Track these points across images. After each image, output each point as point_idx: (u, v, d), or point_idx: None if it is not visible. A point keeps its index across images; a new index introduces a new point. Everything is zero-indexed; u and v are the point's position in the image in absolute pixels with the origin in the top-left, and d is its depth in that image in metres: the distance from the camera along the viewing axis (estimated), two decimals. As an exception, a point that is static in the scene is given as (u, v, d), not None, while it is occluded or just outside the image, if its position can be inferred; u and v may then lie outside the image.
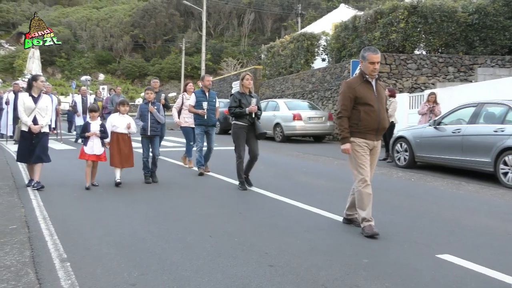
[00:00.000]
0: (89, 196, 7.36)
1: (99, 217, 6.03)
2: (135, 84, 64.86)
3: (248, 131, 8.02)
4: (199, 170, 9.63)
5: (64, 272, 4.02)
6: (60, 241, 4.90)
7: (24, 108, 7.63)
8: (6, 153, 13.00)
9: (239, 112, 7.94)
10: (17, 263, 4.27)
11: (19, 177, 8.85)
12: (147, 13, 69.61)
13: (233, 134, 8.12)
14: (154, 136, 8.67)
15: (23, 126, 7.76)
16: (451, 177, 9.92)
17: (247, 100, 7.97)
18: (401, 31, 18.43)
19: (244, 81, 8.09)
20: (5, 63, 62.04)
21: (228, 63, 44.53)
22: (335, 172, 10.55)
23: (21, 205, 6.57)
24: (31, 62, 27.32)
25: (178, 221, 5.84)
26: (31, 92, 7.74)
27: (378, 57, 5.38)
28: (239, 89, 8.15)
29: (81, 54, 68.78)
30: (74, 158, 11.29)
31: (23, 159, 7.88)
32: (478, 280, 3.96)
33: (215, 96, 10.02)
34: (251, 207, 6.79)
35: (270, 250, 4.67)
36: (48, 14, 75.55)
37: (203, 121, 9.63)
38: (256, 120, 8.03)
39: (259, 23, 72.58)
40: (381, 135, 5.55)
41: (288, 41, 26.00)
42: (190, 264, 4.23)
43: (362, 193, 5.29)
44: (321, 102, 21.14)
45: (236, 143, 8.06)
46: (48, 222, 5.66)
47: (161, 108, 8.93)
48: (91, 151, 7.99)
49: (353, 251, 4.71)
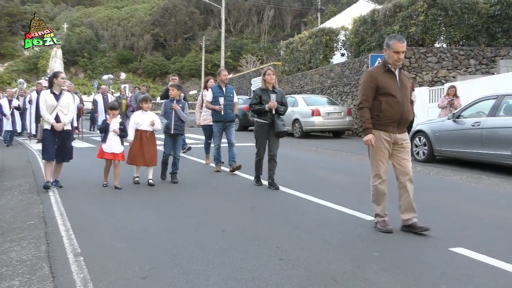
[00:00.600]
0: (105, 192, 7.46)
1: (113, 212, 6.11)
2: (156, 82, 65.40)
3: (270, 129, 7.69)
4: (216, 167, 9.54)
5: (77, 266, 4.09)
6: (75, 236, 4.99)
7: (46, 105, 7.44)
8: (29, 152, 13.25)
9: (258, 109, 7.66)
10: (33, 257, 4.37)
11: (40, 175, 9.01)
12: (168, 11, 70.05)
13: (255, 132, 7.90)
14: (177, 135, 8.41)
15: (45, 124, 7.55)
16: (471, 171, 9.77)
17: (268, 97, 7.63)
18: (420, 24, 18.19)
19: (266, 76, 7.70)
20: (30, 63, 63.22)
21: (248, 60, 44.54)
22: (353, 167, 10.49)
23: (40, 202, 6.71)
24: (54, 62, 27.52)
25: (191, 216, 5.88)
26: (52, 89, 7.58)
27: (404, 46, 5.09)
28: (261, 85, 7.83)
29: (103, 53, 69.62)
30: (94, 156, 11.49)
31: (49, 156, 7.57)
32: (490, 273, 3.91)
33: (232, 91, 9.79)
34: (265, 202, 6.81)
35: (282, 244, 4.67)
36: (70, 15, 76.75)
37: (220, 117, 9.42)
38: (276, 117, 7.66)
39: (279, 20, 72.45)
40: (405, 127, 5.29)
41: (307, 36, 25.89)
42: (201, 258, 4.27)
43: (377, 189, 5.19)
44: (340, 97, 21.02)
45: (257, 141, 7.84)
46: (64, 218, 5.76)
47: (186, 106, 8.51)
48: (109, 149, 7.82)
49: (365, 244, 4.69)
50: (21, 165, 10.67)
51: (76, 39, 67.73)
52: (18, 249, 4.63)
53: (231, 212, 6.14)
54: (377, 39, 19.82)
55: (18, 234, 5.15)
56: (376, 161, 5.18)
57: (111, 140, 7.85)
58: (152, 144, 8.09)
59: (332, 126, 18.05)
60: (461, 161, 10.65)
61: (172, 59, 67.85)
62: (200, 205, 6.58)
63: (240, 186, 8.07)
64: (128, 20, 73.29)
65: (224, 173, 9.40)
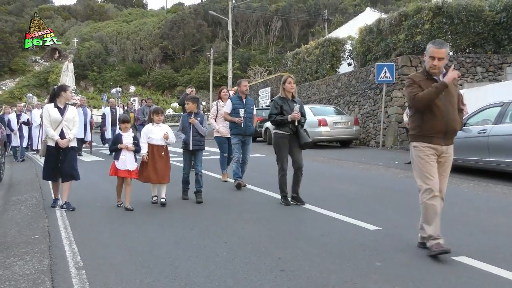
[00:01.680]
0: (110, 206, 7.39)
1: (117, 225, 6.13)
2: (165, 95, 65.72)
3: (291, 141, 7.19)
4: (236, 182, 8.84)
5: (78, 279, 4.11)
6: (78, 249, 5.01)
7: (50, 121, 7.00)
8: (37, 166, 13.34)
9: (281, 120, 7.14)
10: (35, 271, 4.39)
11: (47, 189, 9.05)
12: (176, 24, 70.56)
13: (275, 145, 7.32)
14: (197, 150, 7.70)
15: (49, 140, 7.08)
16: (478, 178, 9.70)
17: (289, 106, 7.15)
18: (426, 33, 18.16)
19: (286, 84, 7.22)
20: (40, 78, 63.90)
21: (255, 71, 44.72)
22: (359, 176, 10.46)
23: (45, 216, 6.74)
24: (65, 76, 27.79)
25: (194, 228, 5.88)
26: (56, 103, 7.12)
27: (441, 52, 4.60)
28: (281, 94, 7.33)
29: (112, 67, 70.16)
30: (102, 169, 11.55)
31: (50, 177, 7.25)
32: (493, 282, 3.88)
33: (252, 103, 9.33)
34: (270, 213, 6.80)
35: (284, 255, 4.67)
36: (80, 30, 77.59)
37: (239, 130, 8.93)
38: (299, 128, 7.17)
39: (286, 30, 72.69)
40: (452, 139, 4.79)
41: (313, 47, 25.95)
42: (202, 269, 4.27)
43: (427, 205, 4.59)
44: (347, 107, 21.00)
45: (278, 155, 7.27)
46: (69, 232, 5.79)
47: (205, 119, 7.89)
48: (123, 166, 7.16)
49: (367, 254, 4.66)
50: (28, 180, 10.76)
51: (86, 54, 68.37)
52: (21, 263, 4.66)
53: (234, 223, 6.14)
54: (383, 48, 19.83)
55: (22, 249, 5.19)
56: (424, 175, 4.62)
57: (124, 156, 7.19)
58: (165, 160, 7.42)
59: (339, 136, 18.02)
60: (468, 169, 10.57)
61: (181, 72, 68.21)
62: (204, 216, 6.58)
63: (244, 197, 8.07)
64: (137, 33, 73.91)
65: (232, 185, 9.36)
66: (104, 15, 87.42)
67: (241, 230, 5.78)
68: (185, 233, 5.65)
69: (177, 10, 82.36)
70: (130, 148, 7.19)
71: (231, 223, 6.17)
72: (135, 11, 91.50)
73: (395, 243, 5.04)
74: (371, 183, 9.48)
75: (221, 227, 5.94)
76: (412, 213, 6.52)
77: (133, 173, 7.27)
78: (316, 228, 5.80)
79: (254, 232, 5.65)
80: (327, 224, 5.98)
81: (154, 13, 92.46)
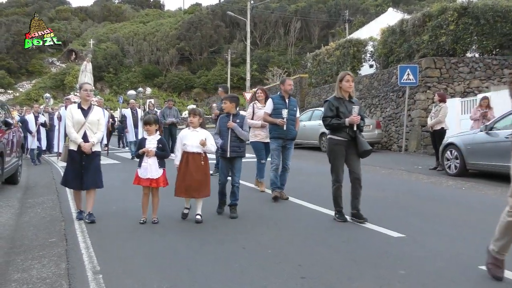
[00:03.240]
0: (127, 209, 7.43)
1: (134, 229, 6.16)
2: (181, 97, 66.19)
3: (348, 148, 6.39)
4: (273, 193, 8.08)
5: (95, 283, 4.15)
6: (95, 253, 5.06)
7: (72, 122, 6.57)
8: (54, 169, 13.51)
9: (337, 124, 6.32)
10: (53, 275, 4.45)
11: (63, 192, 9.14)
12: (193, 25, 71.10)
13: (329, 152, 6.55)
14: (235, 157, 6.92)
15: (71, 144, 6.65)
16: (506, 185, 9.53)
17: (346, 108, 6.33)
18: (451, 34, 17.99)
19: (343, 82, 6.37)
20: (57, 80, 64.91)
21: (274, 72, 44.77)
22: (381, 181, 10.38)
23: (62, 219, 6.82)
24: (83, 76, 27.81)
25: (212, 233, 5.91)
26: (80, 104, 6.74)
27: None
28: (336, 93, 6.49)
29: (129, 68, 70.94)
30: (119, 172, 11.66)
31: (70, 183, 6.76)
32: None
33: (296, 104, 8.55)
34: (288, 217, 6.79)
35: (304, 261, 4.66)
36: (97, 31, 78.61)
37: (281, 133, 8.13)
38: (358, 133, 6.35)
39: (306, 31, 72.70)
40: None
41: (334, 48, 25.88)
42: (220, 276, 4.28)
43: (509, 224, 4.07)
44: (369, 110, 20.89)
45: (333, 164, 6.49)
46: (85, 235, 5.85)
47: (246, 122, 7.02)
48: (145, 174, 6.45)
49: (390, 262, 4.63)
50: (45, 182, 10.90)
51: (102, 55, 69.23)
52: (39, 266, 4.73)
53: (253, 228, 6.14)
54: (406, 49, 19.68)
55: (40, 252, 5.26)
56: None
57: (146, 163, 6.46)
58: (203, 170, 6.51)
59: (361, 140, 17.89)
60: (495, 175, 10.43)
61: (198, 73, 68.64)
62: (222, 221, 6.59)
63: (261, 201, 8.05)
64: (153, 34, 74.61)
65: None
66: (121, 16, 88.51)
67: (259, 235, 5.78)
68: (203, 238, 5.66)
69: (195, 11, 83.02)
70: (151, 153, 6.44)
71: (250, 228, 6.18)
72: (152, 12, 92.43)
73: (420, 251, 5.00)
74: (394, 188, 9.41)
75: (239, 232, 5.94)
76: (437, 220, 6.49)
77: (158, 180, 6.47)
78: (338, 234, 5.77)
79: (273, 238, 5.65)
80: (349, 230, 5.95)
81: (171, 14, 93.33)
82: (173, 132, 15.56)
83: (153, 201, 6.58)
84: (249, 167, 9.42)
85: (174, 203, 7.04)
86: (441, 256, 4.81)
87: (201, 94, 66.99)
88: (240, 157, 6.97)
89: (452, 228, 6.10)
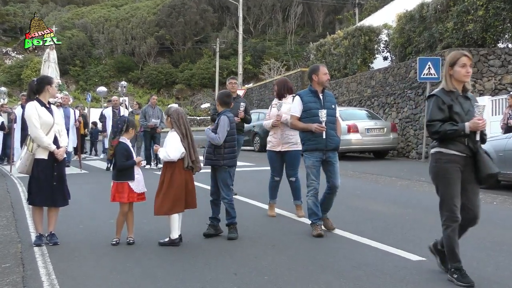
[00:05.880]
0: (96, 226, 7.47)
1: (105, 251, 6.16)
2: (161, 95, 66.04)
3: (466, 168, 4.89)
4: (315, 229, 6.78)
5: (58, 317, 4.14)
6: (58, 281, 5.05)
7: (40, 123, 6.25)
8: (8, 180, 13.43)
9: (452, 131, 4.80)
10: (7, 307, 4.43)
11: (19, 207, 9.13)
12: (175, 10, 71.02)
13: (437, 175, 5.00)
14: (215, 168, 6.82)
15: (39, 152, 6.30)
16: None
17: (461, 107, 4.90)
18: (480, 20, 18.08)
19: (456, 68, 4.90)
20: (12, 74, 64.43)
21: (271, 66, 44.78)
22: (397, 195, 10.41)
23: (18, 240, 6.80)
24: (46, 67, 27.20)
25: (197, 257, 5.90)
26: (42, 100, 6.42)
27: None
28: (445, 85, 4.99)
29: (98, 60, 70.72)
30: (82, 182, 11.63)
31: (43, 201, 6.43)
32: None
33: (333, 98, 7.29)
34: (288, 238, 6.80)
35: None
36: (60, 16, 78.38)
37: (319, 142, 6.83)
38: (480, 147, 4.92)
39: (309, 17, 72.83)
40: None
41: (342, 37, 25.98)
42: (208, 307, 4.28)
43: None
44: (383, 110, 20.96)
45: (445, 192, 4.90)
46: (46, 259, 5.83)
47: (221, 123, 6.69)
48: (139, 188, 6.47)
49: (409, 291, 4.64)
50: (-3, 196, 10.86)
51: (67, 45, 68.87)
52: (-10, 296, 4.71)
53: (246, 250, 6.15)
54: (426, 39, 19.78)
55: (-9, 279, 5.23)
56: None
57: (138, 175, 6.51)
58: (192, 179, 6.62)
59: (373, 145, 17.98)
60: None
61: (181, 66, 68.53)
62: (209, 242, 6.59)
63: (256, 218, 8.06)
64: (128, 20, 74.49)
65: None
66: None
67: (254, 259, 5.78)
68: (187, 262, 5.66)
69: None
70: (141, 163, 6.64)
71: (243, 250, 6.18)
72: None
73: (442, 276, 5.00)
74: (412, 203, 9.44)
75: (230, 255, 5.94)
76: (463, 241, 6.48)
77: (143, 195, 6.59)
78: (347, 258, 5.78)
79: (270, 262, 5.65)
80: (359, 253, 5.96)
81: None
82: (156, 137, 15.05)
83: (128, 217, 6.52)
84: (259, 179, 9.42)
85: (152, 221, 7.05)
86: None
87: (185, 91, 66.92)
88: (217, 166, 6.73)
89: (480, 249, 6.11)
